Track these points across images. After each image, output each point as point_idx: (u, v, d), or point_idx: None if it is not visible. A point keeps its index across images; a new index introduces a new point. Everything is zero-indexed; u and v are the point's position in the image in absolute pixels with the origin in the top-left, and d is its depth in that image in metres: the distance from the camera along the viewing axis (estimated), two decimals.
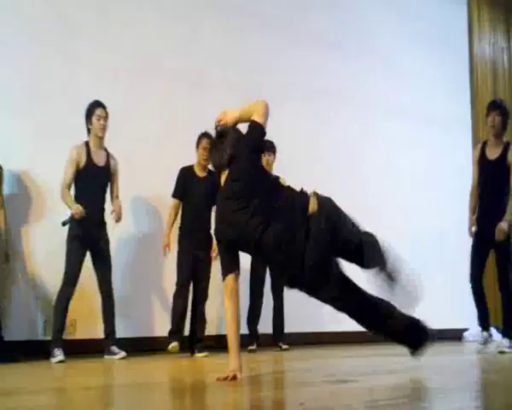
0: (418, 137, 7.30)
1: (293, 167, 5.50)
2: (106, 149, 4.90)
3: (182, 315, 4.98)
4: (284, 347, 5.48)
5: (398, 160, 7.12)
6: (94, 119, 4.75)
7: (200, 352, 4.90)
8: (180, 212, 5.22)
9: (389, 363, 4.04)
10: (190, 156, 5.23)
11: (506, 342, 4.92)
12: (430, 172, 7.36)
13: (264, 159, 5.23)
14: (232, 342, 3.00)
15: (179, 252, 5.12)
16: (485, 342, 5.07)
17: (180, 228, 5.21)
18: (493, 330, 7.03)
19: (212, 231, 5.12)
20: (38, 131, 5.10)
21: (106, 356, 4.69)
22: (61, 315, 4.55)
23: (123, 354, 4.68)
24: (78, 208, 4.54)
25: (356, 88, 6.91)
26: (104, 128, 4.78)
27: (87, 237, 4.64)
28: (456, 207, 7.45)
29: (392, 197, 6.85)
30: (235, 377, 2.84)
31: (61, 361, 4.37)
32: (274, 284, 5.53)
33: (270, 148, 5.37)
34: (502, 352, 4.75)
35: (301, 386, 2.81)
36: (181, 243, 5.14)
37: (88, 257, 4.75)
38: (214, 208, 5.06)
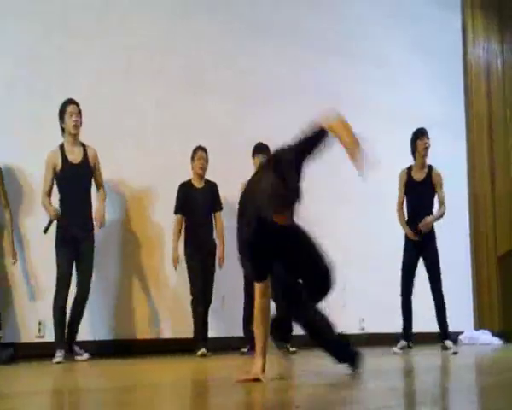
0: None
1: None
2: (82, 144, 4.85)
3: (203, 323, 5.17)
4: (292, 349, 5.31)
5: (391, 163, 7.12)
6: (66, 117, 4.74)
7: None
8: (183, 225, 5.37)
9: (385, 366, 4.05)
10: (187, 157, 5.29)
11: (449, 343, 5.34)
12: None
13: (258, 160, 5.26)
14: (258, 344, 3.03)
15: (188, 265, 5.29)
16: (402, 348, 5.41)
17: (185, 241, 5.37)
18: (486, 334, 7.08)
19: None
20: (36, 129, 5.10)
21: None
22: (59, 319, 4.59)
23: (86, 355, 4.67)
24: (53, 210, 4.61)
25: (350, 91, 6.91)
26: (77, 124, 4.75)
27: (72, 238, 4.66)
28: (448, 210, 7.50)
29: (382, 200, 6.85)
30: (256, 380, 2.86)
31: (59, 362, 4.39)
32: None
33: (265, 149, 5.33)
34: (455, 353, 5.10)
35: (298, 389, 2.81)
36: (189, 255, 5.31)
37: None
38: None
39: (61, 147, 4.78)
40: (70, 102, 4.76)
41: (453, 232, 7.48)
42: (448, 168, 7.61)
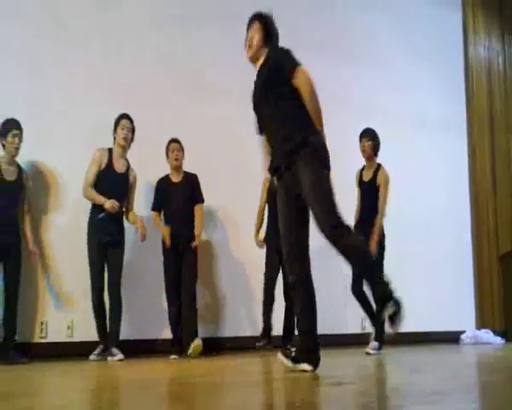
0: (413, 140, 7.31)
1: None
2: (127, 160, 5.06)
3: (177, 322, 5.09)
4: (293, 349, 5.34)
5: (391, 163, 7.11)
6: (119, 128, 4.96)
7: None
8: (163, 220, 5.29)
9: (386, 365, 4.05)
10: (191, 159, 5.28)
11: (374, 344, 5.11)
12: (424, 175, 7.36)
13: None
14: None
15: (164, 262, 5.19)
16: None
17: (163, 238, 5.22)
18: (488, 333, 7.08)
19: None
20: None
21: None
22: (98, 320, 4.81)
23: (120, 356, 4.75)
24: (113, 203, 4.76)
25: (351, 91, 6.92)
26: (126, 138, 4.95)
27: (104, 241, 4.82)
28: (450, 210, 7.51)
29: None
30: None
31: (121, 360, 4.66)
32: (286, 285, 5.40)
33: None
34: (368, 353, 5.00)
35: (297, 388, 2.81)
36: (164, 252, 5.20)
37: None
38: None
39: (110, 150, 4.98)
40: (125, 116, 5.01)
41: (455, 233, 7.49)
42: (450, 169, 7.65)
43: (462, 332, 7.07)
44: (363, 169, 5.56)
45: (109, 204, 4.76)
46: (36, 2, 5.43)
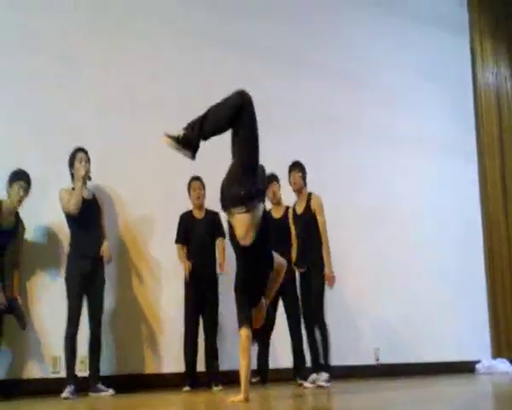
0: (422, 165, 7.27)
1: None
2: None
3: (192, 358, 5.09)
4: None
5: (402, 188, 7.08)
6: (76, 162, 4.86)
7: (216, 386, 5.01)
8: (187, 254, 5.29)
9: (402, 397, 3.93)
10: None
11: (323, 376, 4.94)
12: (435, 200, 7.30)
13: (271, 190, 5.39)
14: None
15: (185, 295, 5.20)
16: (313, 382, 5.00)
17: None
18: (504, 362, 6.94)
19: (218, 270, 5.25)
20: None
21: (91, 394, 4.68)
22: (69, 351, 4.63)
23: (110, 391, 4.69)
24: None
25: (360, 117, 6.90)
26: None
27: (83, 275, 4.74)
28: (462, 234, 7.42)
29: (395, 226, 6.78)
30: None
31: (66, 398, 4.41)
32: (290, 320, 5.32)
33: (274, 179, 5.44)
34: (321, 386, 4.84)
35: None
36: (186, 288, 5.21)
37: None
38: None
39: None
40: (80, 149, 4.89)
41: (467, 257, 7.39)
42: (461, 192, 7.58)
43: (478, 362, 6.93)
44: (295, 205, 5.36)
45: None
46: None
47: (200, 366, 5.17)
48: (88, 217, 4.82)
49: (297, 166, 5.32)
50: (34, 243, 5.09)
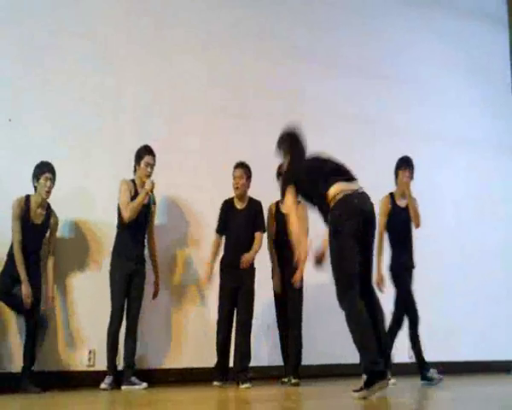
0: (462, 162, 7.18)
1: None
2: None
3: (223, 350, 4.99)
4: (293, 381, 5.03)
5: (441, 186, 6.99)
6: (142, 163, 5.00)
7: (243, 383, 4.84)
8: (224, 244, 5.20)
9: (424, 396, 3.89)
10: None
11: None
12: (475, 198, 7.19)
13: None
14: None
15: (220, 286, 5.10)
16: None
17: (221, 261, 5.16)
18: None
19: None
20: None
21: (124, 387, 4.73)
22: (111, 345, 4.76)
23: (144, 384, 4.75)
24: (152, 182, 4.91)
25: (398, 115, 6.87)
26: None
27: (128, 275, 4.85)
28: (502, 233, 7.27)
29: (434, 223, 6.68)
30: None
31: (104, 389, 4.59)
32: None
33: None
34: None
35: None
36: (222, 277, 5.12)
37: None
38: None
39: (134, 181, 4.99)
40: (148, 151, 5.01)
41: (509, 255, 7.25)
42: (504, 190, 7.43)
43: None
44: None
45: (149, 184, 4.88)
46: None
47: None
48: (139, 220, 4.91)
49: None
50: (70, 237, 5.18)
